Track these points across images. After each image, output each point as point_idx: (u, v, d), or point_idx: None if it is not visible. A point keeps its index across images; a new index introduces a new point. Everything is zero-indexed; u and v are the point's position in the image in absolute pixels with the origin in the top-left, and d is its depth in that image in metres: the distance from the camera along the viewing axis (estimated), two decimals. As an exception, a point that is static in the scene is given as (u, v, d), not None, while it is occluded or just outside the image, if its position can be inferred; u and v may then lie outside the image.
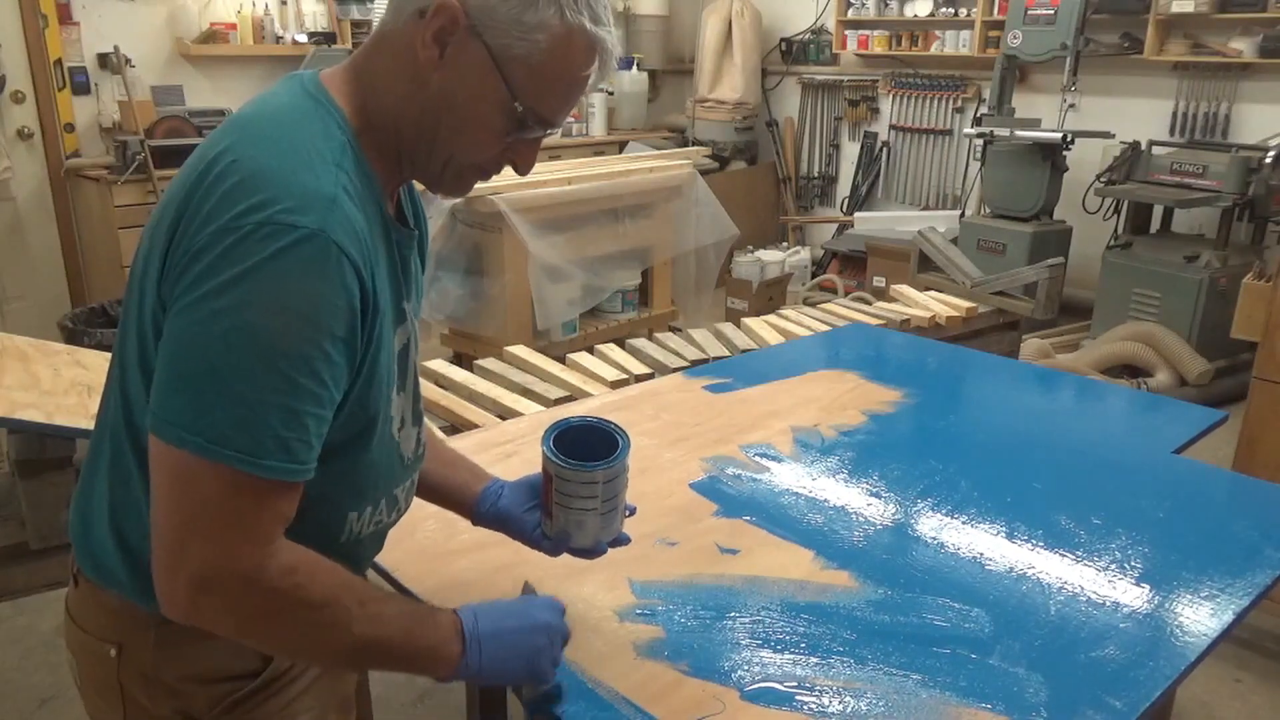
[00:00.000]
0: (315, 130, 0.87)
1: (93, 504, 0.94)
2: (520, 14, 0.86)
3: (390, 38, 0.91)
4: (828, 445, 1.75)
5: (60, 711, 2.25)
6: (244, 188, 0.79)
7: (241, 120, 0.88)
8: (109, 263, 4.28)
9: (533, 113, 0.91)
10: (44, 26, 4.23)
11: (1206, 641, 1.18)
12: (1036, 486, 1.60)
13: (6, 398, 1.53)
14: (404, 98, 0.90)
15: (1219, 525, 1.49)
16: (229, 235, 0.78)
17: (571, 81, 0.91)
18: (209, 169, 0.82)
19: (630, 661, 1.13)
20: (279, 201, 0.79)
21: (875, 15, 5.93)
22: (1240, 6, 4.48)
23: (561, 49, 0.88)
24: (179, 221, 0.82)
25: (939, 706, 1.06)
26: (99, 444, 0.94)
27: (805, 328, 2.69)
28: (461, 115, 0.90)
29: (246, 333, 0.77)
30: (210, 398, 0.78)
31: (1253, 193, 4.14)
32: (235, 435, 0.78)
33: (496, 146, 0.94)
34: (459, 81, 0.89)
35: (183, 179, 0.86)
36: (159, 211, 0.87)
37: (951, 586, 1.29)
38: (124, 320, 0.90)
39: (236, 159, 0.82)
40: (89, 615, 0.96)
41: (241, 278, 0.77)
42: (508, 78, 0.88)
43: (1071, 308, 4.84)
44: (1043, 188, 4.76)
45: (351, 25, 5.16)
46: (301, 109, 0.88)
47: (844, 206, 6.46)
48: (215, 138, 0.87)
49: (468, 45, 0.87)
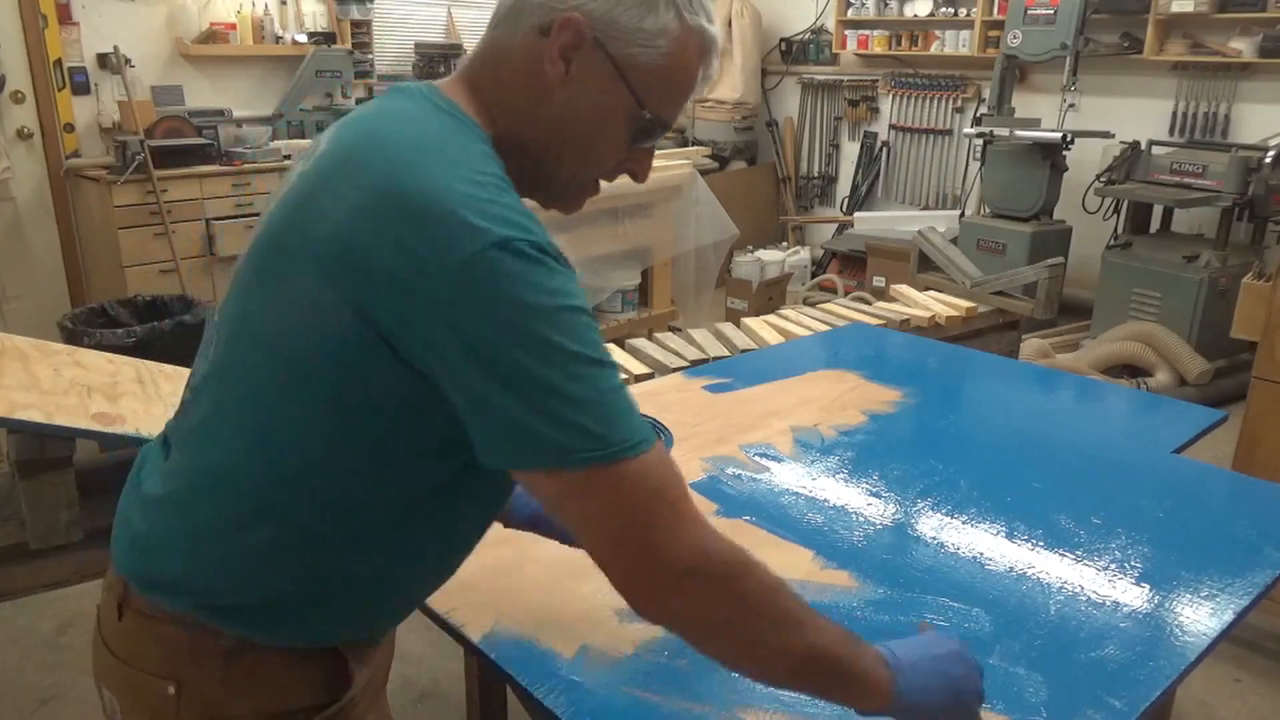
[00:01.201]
0: (475, 150, 0.86)
1: (195, 542, 0.88)
2: (641, 21, 0.87)
3: (508, 55, 0.90)
4: (828, 445, 1.75)
5: (60, 711, 2.25)
6: (455, 218, 0.76)
7: (395, 142, 0.83)
8: (109, 263, 4.28)
9: (658, 119, 0.92)
10: (44, 26, 4.23)
11: (1206, 641, 1.18)
12: (1036, 486, 1.60)
13: (6, 398, 1.53)
14: (527, 115, 0.90)
15: (1219, 525, 1.49)
16: (473, 267, 0.75)
17: (690, 82, 0.93)
18: (390, 201, 0.77)
19: (631, 661, 1.13)
20: (495, 224, 0.77)
21: (875, 15, 5.93)
22: (1240, 6, 4.48)
23: (681, 51, 0.89)
24: (369, 259, 0.77)
25: (939, 706, 1.06)
26: (200, 481, 0.88)
27: (805, 328, 2.69)
28: (589, 128, 0.91)
29: (542, 342, 0.76)
30: (556, 411, 0.77)
31: (1252, 192, 4.14)
32: (580, 438, 0.77)
33: (619, 156, 0.94)
34: (586, 95, 0.89)
35: (345, 213, 0.79)
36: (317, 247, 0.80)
37: (951, 586, 1.29)
38: (272, 364, 0.84)
39: (424, 186, 0.78)
40: (140, 651, 0.91)
41: (503, 300, 0.75)
42: (633, 86, 0.89)
43: (1071, 308, 4.84)
44: (1042, 188, 4.76)
45: (351, 25, 5.16)
46: (450, 128, 0.87)
47: (844, 206, 6.46)
48: (372, 162, 0.81)
49: (592, 58, 0.87)
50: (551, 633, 1.18)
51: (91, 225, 4.38)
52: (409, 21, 5.56)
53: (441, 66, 5.30)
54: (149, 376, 1.81)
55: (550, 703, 1.06)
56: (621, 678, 1.10)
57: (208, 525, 0.88)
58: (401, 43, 5.52)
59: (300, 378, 0.82)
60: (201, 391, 0.91)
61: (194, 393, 0.93)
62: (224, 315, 0.91)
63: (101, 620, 0.96)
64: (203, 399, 0.90)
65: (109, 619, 0.94)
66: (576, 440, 0.76)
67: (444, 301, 0.75)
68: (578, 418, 0.77)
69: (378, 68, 5.36)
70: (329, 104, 5.03)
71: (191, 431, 0.91)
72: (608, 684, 1.09)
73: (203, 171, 4.35)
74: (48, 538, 1.56)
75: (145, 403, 1.68)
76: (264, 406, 0.85)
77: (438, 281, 0.75)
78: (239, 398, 0.87)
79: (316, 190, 0.83)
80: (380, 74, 5.40)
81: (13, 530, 1.60)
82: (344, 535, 0.87)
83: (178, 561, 0.89)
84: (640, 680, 1.09)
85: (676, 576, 0.80)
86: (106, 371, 1.78)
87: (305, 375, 0.82)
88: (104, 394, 1.66)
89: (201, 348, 0.95)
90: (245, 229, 4.43)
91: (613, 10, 0.86)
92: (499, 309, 0.75)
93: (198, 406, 0.91)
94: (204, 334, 0.98)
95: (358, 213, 0.79)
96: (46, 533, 1.56)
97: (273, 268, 0.85)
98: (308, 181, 0.86)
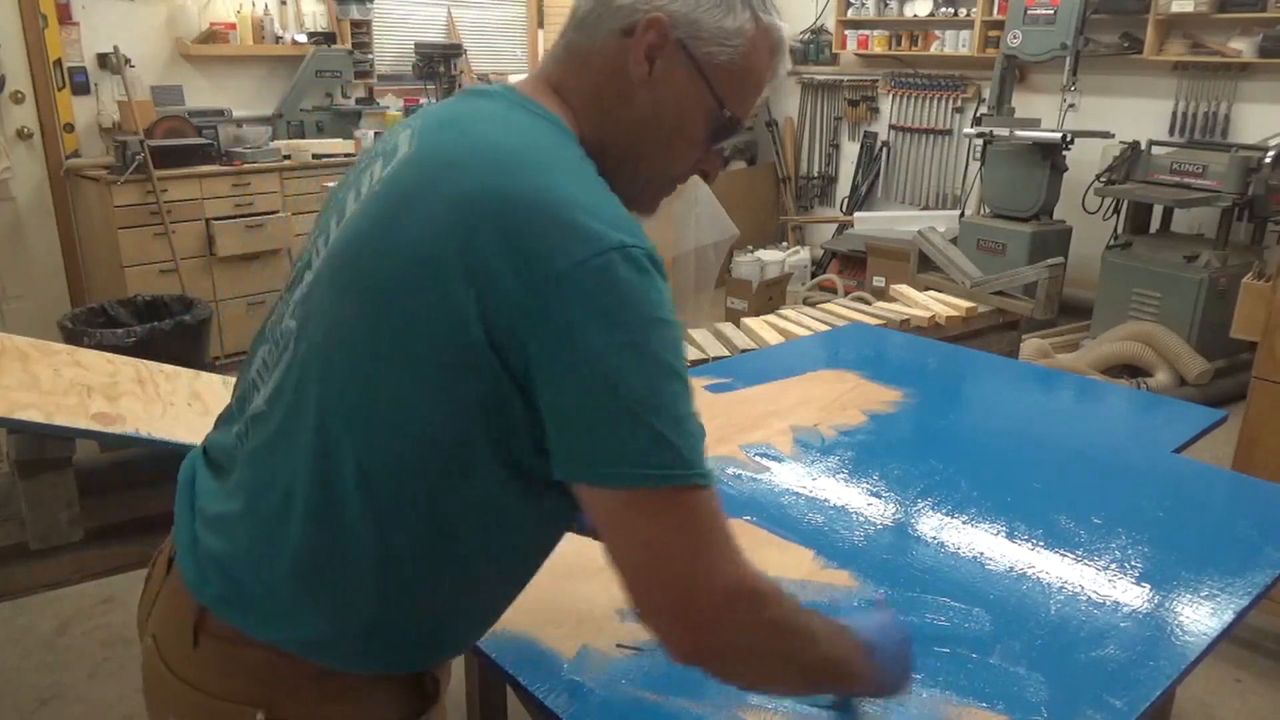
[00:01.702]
0: (574, 153, 0.86)
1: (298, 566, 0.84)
2: (721, 21, 0.88)
3: (588, 59, 0.90)
4: (828, 445, 1.75)
5: (60, 711, 2.25)
6: (570, 220, 0.76)
7: (495, 144, 0.82)
8: (109, 263, 4.28)
9: (735, 118, 0.93)
10: (44, 26, 4.23)
11: (1206, 641, 1.18)
12: (1036, 486, 1.60)
13: (6, 398, 1.53)
14: (610, 118, 0.90)
15: (1219, 525, 1.49)
16: (589, 274, 0.75)
17: (762, 80, 0.94)
18: (499, 204, 0.77)
19: (631, 661, 1.13)
20: (610, 231, 0.77)
21: (875, 15, 5.93)
22: (1240, 6, 4.48)
23: (755, 50, 0.91)
24: (479, 263, 0.76)
25: (939, 706, 1.06)
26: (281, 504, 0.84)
27: (805, 328, 2.69)
28: (669, 129, 0.91)
29: (653, 356, 0.76)
30: (656, 428, 0.76)
31: (1252, 192, 4.14)
32: (672, 456, 0.77)
33: (696, 156, 0.95)
34: (668, 95, 0.89)
35: (448, 218, 0.78)
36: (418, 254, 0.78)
37: (952, 586, 1.29)
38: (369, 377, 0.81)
39: (534, 188, 0.77)
40: (221, 678, 0.87)
41: (621, 307, 0.75)
42: (713, 85, 0.90)
43: (1071, 308, 4.84)
44: (1042, 188, 4.76)
45: (351, 25, 5.16)
46: (545, 130, 0.87)
47: (844, 206, 6.46)
48: (473, 165, 0.80)
49: (675, 58, 0.88)
50: (551, 633, 1.18)
51: (91, 225, 4.38)
52: (409, 21, 5.57)
53: (441, 66, 5.30)
54: (149, 376, 1.81)
55: (550, 703, 1.06)
56: (621, 678, 1.10)
57: (295, 553, 0.83)
58: (401, 43, 5.52)
59: (403, 392, 0.79)
60: (274, 405, 0.87)
61: (268, 404, 0.87)
62: (301, 325, 0.86)
63: (163, 647, 0.91)
64: (277, 413, 0.86)
65: (178, 647, 0.89)
66: (666, 457, 0.76)
67: (558, 305, 0.75)
68: (672, 436, 0.77)
69: (378, 68, 5.36)
70: (329, 104, 5.03)
71: (265, 448, 0.87)
72: (608, 684, 1.09)
73: (203, 171, 4.35)
74: (48, 538, 1.56)
75: (145, 403, 1.68)
76: (348, 434, 0.81)
77: (551, 284, 0.74)
78: (315, 423, 0.82)
79: (410, 196, 0.81)
80: (380, 74, 5.40)
81: (13, 530, 1.59)
82: (444, 560, 0.86)
83: (263, 587, 0.85)
84: (640, 680, 1.09)
85: (719, 605, 0.80)
86: (106, 371, 1.77)
87: (409, 389, 0.79)
88: (104, 394, 1.66)
89: (263, 358, 0.91)
90: (245, 229, 4.43)
91: (694, 11, 0.88)
92: (612, 315, 0.75)
93: (267, 422, 0.87)
94: (262, 342, 0.93)
95: (463, 217, 0.77)
96: (46, 533, 1.56)
97: (365, 277, 0.81)
98: (397, 187, 0.83)
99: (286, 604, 0.85)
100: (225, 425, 0.97)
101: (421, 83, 5.39)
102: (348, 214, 0.88)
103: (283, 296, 0.94)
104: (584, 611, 1.21)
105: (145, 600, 0.99)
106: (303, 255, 0.94)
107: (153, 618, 0.95)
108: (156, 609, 0.95)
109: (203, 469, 0.96)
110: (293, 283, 0.93)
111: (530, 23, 6.11)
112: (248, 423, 0.90)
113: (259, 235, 4.48)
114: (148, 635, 0.95)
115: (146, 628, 0.96)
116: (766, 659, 0.85)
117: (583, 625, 1.18)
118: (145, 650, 0.95)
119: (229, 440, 0.93)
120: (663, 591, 0.79)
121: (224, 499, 0.90)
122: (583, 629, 1.17)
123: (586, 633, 1.17)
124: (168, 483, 1.49)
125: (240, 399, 0.95)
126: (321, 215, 0.96)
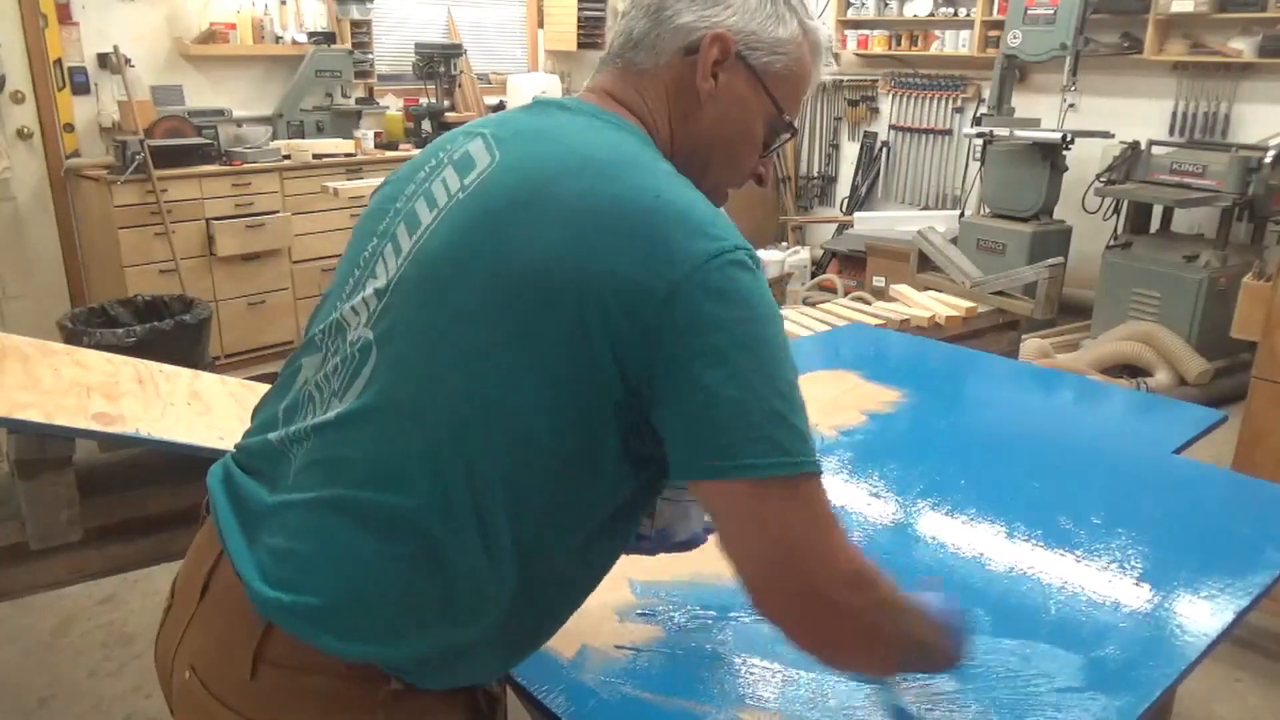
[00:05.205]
0: (665, 164, 0.90)
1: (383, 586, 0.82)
2: (775, 31, 0.94)
3: (651, 80, 0.94)
4: (828, 445, 1.75)
5: (60, 711, 2.25)
6: (684, 223, 0.80)
7: (592, 155, 0.85)
8: (109, 263, 4.28)
9: (790, 121, 0.98)
10: (44, 26, 4.23)
11: (1206, 641, 1.18)
12: (1036, 486, 1.60)
13: (6, 398, 1.53)
14: (678, 130, 0.95)
15: (1219, 525, 1.49)
16: (713, 272, 0.78)
17: (809, 83, 0.99)
18: (613, 211, 0.79)
19: (631, 661, 1.13)
20: (724, 233, 0.81)
21: (875, 15, 5.94)
22: (1240, 6, 4.48)
23: (803, 55, 0.97)
24: (598, 273, 0.77)
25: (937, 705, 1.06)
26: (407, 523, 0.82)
27: (805, 328, 2.69)
28: (734, 139, 0.96)
29: (775, 348, 0.81)
30: (786, 416, 0.79)
31: (1252, 192, 4.14)
32: (802, 443, 0.79)
33: (755, 161, 1.00)
34: (732, 105, 0.94)
35: (560, 230, 0.79)
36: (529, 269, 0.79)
37: (951, 586, 1.29)
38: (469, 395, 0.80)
39: (642, 193, 0.81)
40: (288, 707, 0.83)
41: (741, 304, 0.79)
42: (772, 93, 0.95)
43: (1071, 308, 4.84)
44: (1042, 187, 4.76)
45: (351, 25, 5.16)
46: (634, 140, 0.91)
47: (844, 206, 6.46)
48: (577, 177, 0.82)
49: (736, 70, 0.94)
50: (551, 633, 1.17)
51: (91, 225, 4.38)
52: (409, 21, 5.56)
53: (441, 66, 5.30)
54: (149, 376, 1.81)
55: (550, 703, 1.06)
56: (621, 678, 1.10)
57: (377, 567, 0.81)
58: (401, 43, 5.52)
59: (526, 401, 0.79)
60: (356, 416, 0.84)
61: (349, 415, 0.84)
62: (385, 336, 0.84)
63: (209, 680, 0.86)
64: (364, 434, 0.83)
65: (231, 677, 0.84)
66: (795, 445, 0.78)
67: (682, 305, 0.77)
68: (798, 423, 0.79)
69: (378, 68, 5.36)
70: (329, 104, 5.03)
71: (339, 467, 0.84)
72: (608, 684, 1.09)
73: (203, 171, 4.35)
74: (47, 538, 1.56)
75: (145, 403, 1.68)
76: (459, 443, 0.80)
77: (675, 286, 0.77)
78: (417, 434, 0.81)
79: (518, 205, 0.82)
80: (380, 74, 5.40)
81: (13, 530, 1.59)
82: (572, 563, 0.88)
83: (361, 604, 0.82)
84: (640, 680, 1.09)
85: (846, 587, 0.82)
86: (106, 371, 1.77)
87: (532, 397, 0.79)
88: (104, 394, 1.65)
89: (324, 369, 0.89)
90: (245, 229, 4.43)
91: (750, 23, 0.93)
92: (736, 311, 0.78)
93: (348, 430, 0.84)
94: (312, 351, 0.92)
95: (581, 224, 0.79)
96: (46, 533, 1.56)
97: (477, 291, 0.81)
98: (497, 196, 0.84)
99: (396, 621, 0.82)
100: (259, 433, 0.94)
101: (421, 83, 5.39)
102: (425, 223, 0.87)
103: (333, 304, 0.93)
104: (584, 611, 1.21)
105: (169, 632, 0.93)
106: (359, 263, 0.92)
107: (186, 649, 0.89)
108: (191, 640, 0.89)
109: (247, 481, 0.91)
110: (349, 291, 0.91)
111: (530, 23, 6.10)
112: (308, 431, 0.87)
113: (259, 235, 4.48)
114: (184, 669, 0.89)
115: (177, 661, 0.90)
116: (876, 638, 0.88)
117: (583, 625, 1.17)
118: (181, 686, 0.89)
119: (274, 450, 0.90)
120: (796, 578, 0.80)
121: (298, 516, 0.85)
122: (583, 629, 1.16)
123: (586, 633, 1.17)
124: (168, 483, 1.49)
125: (289, 409, 0.92)
126: (368, 222, 0.95)
